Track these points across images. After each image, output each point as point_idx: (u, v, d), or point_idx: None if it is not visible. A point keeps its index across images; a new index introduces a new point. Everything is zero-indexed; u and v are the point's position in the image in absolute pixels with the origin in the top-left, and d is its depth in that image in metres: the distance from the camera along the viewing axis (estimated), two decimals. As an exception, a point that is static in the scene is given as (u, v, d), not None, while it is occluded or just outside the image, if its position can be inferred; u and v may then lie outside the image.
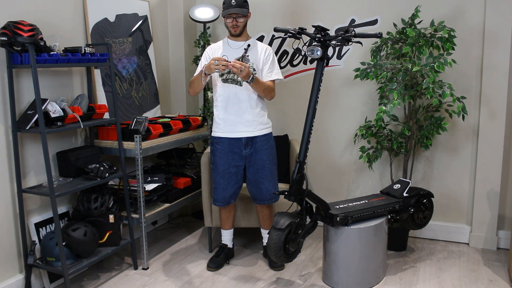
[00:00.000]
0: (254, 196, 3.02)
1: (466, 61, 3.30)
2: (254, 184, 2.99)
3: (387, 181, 3.56)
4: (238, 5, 2.80)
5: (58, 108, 2.65)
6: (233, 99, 2.88)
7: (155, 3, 3.84)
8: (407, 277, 2.95)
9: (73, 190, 2.64)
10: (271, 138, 3.00)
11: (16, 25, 2.42)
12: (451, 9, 3.29)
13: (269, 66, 2.92)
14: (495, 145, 3.26)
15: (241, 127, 2.89)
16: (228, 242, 3.21)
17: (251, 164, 2.95)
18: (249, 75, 2.68)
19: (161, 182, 3.21)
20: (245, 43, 2.91)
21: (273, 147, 3.02)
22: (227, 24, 2.89)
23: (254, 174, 2.96)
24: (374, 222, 2.77)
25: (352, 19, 3.59)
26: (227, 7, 2.82)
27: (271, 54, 2.95)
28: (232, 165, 2.94)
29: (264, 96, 2.91)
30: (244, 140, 2.91)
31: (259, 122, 2.92)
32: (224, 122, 2.92)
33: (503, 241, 3.37)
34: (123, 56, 3.45)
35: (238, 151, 2.93)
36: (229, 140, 2.92)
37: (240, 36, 2.91)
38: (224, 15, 2.84)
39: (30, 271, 2.67)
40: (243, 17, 2.86)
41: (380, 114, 3.02)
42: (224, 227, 3.17)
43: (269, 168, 2.96)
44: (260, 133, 2.92)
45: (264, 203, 3.02)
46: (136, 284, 2.90)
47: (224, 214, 3.12)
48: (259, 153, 2.93)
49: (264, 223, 3.14)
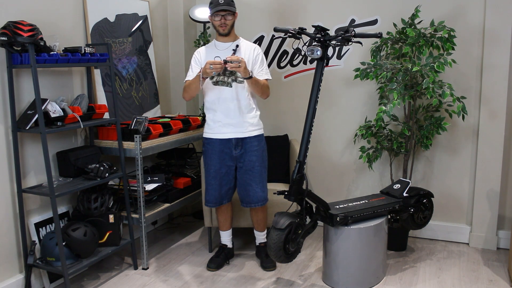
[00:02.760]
0: (241, 198, 3.00)
1: (466, 61, 3.30)
2: (241, 186, 2.97)
3: (387, 181, 3.56)
4: (226, 3, 2.77)
5: (58, 108, 2.65)
6: (223, 101, 2.85)
7: (155, 3, 3.84)
8: (407, 277, 2.95)
9: (73, 190, 2.65)
10: (262, 140, 2.98)
11: (16, 25, 2.42)
12: (451, 9, 3.29)
13: (259, 65, 2.90)
14: (495, 145, 3.26)
15: (231, 128, 2.88)
16: (228, 243, 3.21)
17: (241, 165, 2.93)
18: (247, 70, 2.66)
19: (161, 182, 3.21)
20: (233, 44, 2.89)
21: (263, 149, 2.98)
22: (215, 24, 2.85)
23: (243, 175, 2.94)
24: (374, 222, 2.77)
25: (352, 19, 3.58)
26: (214, 5, 2.79)
27: (260, 53, 2.92)
28: (223, 166, 2.93)
29: (261, 94, 2.89)
30: (234, 141, 2.89)
31: (250, 124, 2.90)
32: (215, 123, 2.91)
33: (503, 241, 3.37)
34: (123, 56, 3.45)
35: (229, 151, 2.91)
36: (219, 141, 2.91)
37: (228, 35, 2.88)
38: (212, 13, 2.81)
39: (30, 271, 2.67)
40: (231, 15, 2.82)
41: (380, 114, 3.02)
42: (222, 229, 3.17)
43: (258, 171, 2.93)
44: (250, 134, 2.90)
45: (250, 206, 2.99)
46: (136, 284, 2.90)
47: (221, 216, 3.12)
48: (249, 154, 2.90)
49: (258, 226, 3.12)
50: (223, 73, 2.79)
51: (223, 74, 2.79)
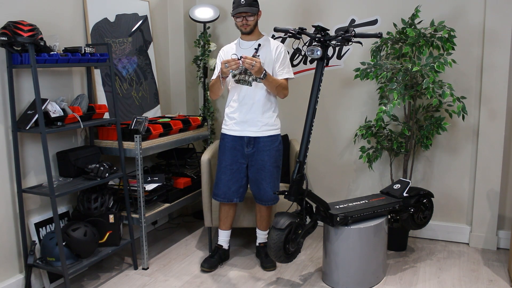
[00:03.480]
0: (255, 195, 3.03)
1: (466, 61, 3.30)
2: (254, 184, 3.00)
3: (387, 181, 3.56)
4: (247, 4, 2.80)
5: (58, 108, 2.65)
6: (242, 99, 2.91)
7: (155, 3, 3.84)
8: (407, 277, 2.95)
9: (73, 190, 2.64)
10: (277, 140, 2.99)
11: (16, 25, 2.41)
12: (451, 9, 3.29)
13: (280, 63, 2.91)
14: (495, 145, 3.26)
15: (245, 127, 2.92)
16: (224, 243, 3.18)
17: (253, 164, 2.96)
18: (261, 70, 2.68)
19: (161, 182, 3.21)
20: (255, 42, 2.90)
21: (278, 150, 3.00)
22: (237, 24, 2.88)
23: (255, 173, 2.97)
24: (374, 222, 2.77)
25: (352, 19, 3.58)
26: (236, 6, 2.81)
27: (282, 51, 2.93)
28: (235, 162, 2.97)
29: (277, 94, 2.92)
30: (246, 139, 2.93)
31: (265, 123, 2.92)
32: (231, 120, 2.96)
33: (503, 241, 3.37)
34: (123, 56, 3.45)
35: (241, 149, 2.96)
36: (233, 138, 2.96)
37: (251, 34, 2.91)
38: (233, 14, 2.84)
39: (30, 271, 2.66)
40: (253, 15, 2.84)
41: (380, 114, 3.02)
42: (222, 227, 3.15)
43: (269, 170, 2.95)
44: (264, 134, 2.93)
45: (261, 203, 3.02)
46: (136, 284, 2.90)
47: (224, 213, 3.10)
48: (261, 153, 2.93)
49: (261, 224, 3.13)
50: (244, 72, 2.80)
51: (245, 73, 2.80)
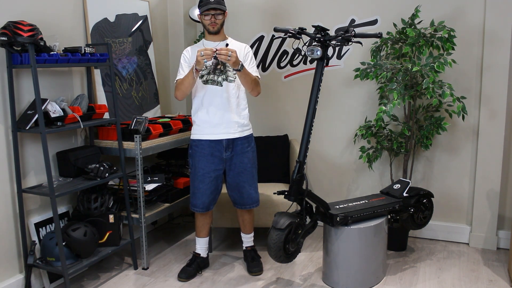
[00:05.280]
0: (235, 200, 2.96)
1: (466, 61, 3.30)
2: (235, 189, 2.92)
3: (387, 181, 3.56)
4: (216, 2, 2.73)
5: (58, 108, 2.65)
6: (214, 100, 2.79)
7: (155, 3, 3.84)
8: (407, 277, 2.95)
9: (73, 190, 2.65)
10: (252, 140, 2.93)
11: (16, 25, 2.42)
12: (451, 9, 3.29)
13: (250, 62, 2.85)
14: (495, 145, 3.26)
15: (222, 129, 2.81)
16: (202, 251, 3.06)
17: (232, 168, 2.88)
18: (238, 61, 2.58)
19: (161, 182, 3.20)
20: (222, 43, 2.82)
21: (254, 150, 2.94)
22: (205, 22, 2.80)
23: (235, 178, 2.89)
24: (374, 222, 2.77)
25: (352, 19, 3.58)
26: (205, 3, 2.74)
27: (250, 51, 2.89)
28: (212, 169, 2.85)
29: (252, 89, 2.81)
30: (225, 143, 2.82)
31: (240, 124, 2.84)
32: (204, 124, 2.83)
33: (503, 241, 3.37)
34: (123, 56, 3.45)
35: (219, 154, 2.84)
36: (209, 143, 2.83)
37: (217, 34, 2.84)
38: (202, 12, 2.76)
39: (30, 271, 2.67)
40: (221, 14, 2.78)
41: (380, 114, 3.02)
42: (199, 235, 3.04)
43: (250, 172, 2.90)
44: (240, 135, 2.85)
45: (245, 208, 2.96)
46: (136, 284, 2.90)
47: (201, 221, 3.00)
48: (240, 156, 2.86)
49: (245, 228, 3.08)
50: (213, 72, 2.70)
51: (213, 73, 2.70)
